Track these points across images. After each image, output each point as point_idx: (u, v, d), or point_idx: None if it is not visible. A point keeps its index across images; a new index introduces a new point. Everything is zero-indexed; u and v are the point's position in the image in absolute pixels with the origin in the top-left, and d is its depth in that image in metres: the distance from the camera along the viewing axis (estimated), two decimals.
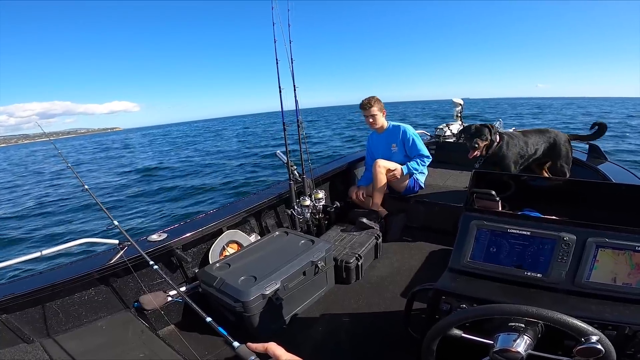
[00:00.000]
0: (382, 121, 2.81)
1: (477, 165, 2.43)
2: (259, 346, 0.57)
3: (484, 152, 2.40)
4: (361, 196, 2.79)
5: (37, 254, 1.62)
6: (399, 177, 2.69)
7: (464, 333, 0.92)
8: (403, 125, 2.80)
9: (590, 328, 0.76)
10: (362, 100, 2.75)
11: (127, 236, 1.73)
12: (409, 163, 2.72)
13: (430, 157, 2.84)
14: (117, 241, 1.81)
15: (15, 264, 1.54)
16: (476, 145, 2.37)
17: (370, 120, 2.76)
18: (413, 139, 2.74)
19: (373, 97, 2.74)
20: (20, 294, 1.47)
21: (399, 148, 2.79)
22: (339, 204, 2.64)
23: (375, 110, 2.72)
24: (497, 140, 2.36)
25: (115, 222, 1.78)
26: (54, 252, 1.67)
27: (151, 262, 1.34)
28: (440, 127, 4.10)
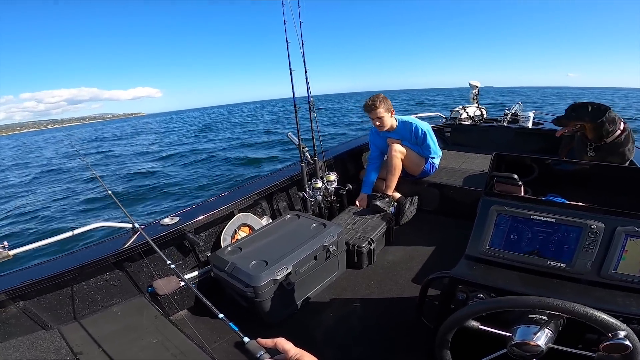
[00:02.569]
0: (390, 122, 2.55)
1: (591, 153, 2.09)
2: (268, 341, 0.58)
3: (590, 136, 2.06)
4: (365, 205, 2.57)
5: (56, 238, 1.64)
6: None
7: (481, 325, 0.88)
8: (414, 121, 2.59)
9: (618, 323, 0.72)
10: (366, 101, 2.49)
11: (139, 227, 1.73)
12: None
13: (441, 154, 2.75)
14: (130, 225, 1.80)
15: (36, 247, 1.56)
16: (564, 124, 2.10)
17: (377, 123, 2.51)
18: (425, 137, 2.56)
19: (378, 96, 2.47)
20: (38, 280, 1.49)
21: (411, 144, 2.62)
22: (351, 187, 2.59)
23: (381, 111, 2.45)
24: (622, 129, 2.01)
25: (124, 210, 1.77)
26: (70, 235, 1.68)
27: (160, 252, 1.33)
28: (457, 109, 3.98)
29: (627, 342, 0.71)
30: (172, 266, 1.19)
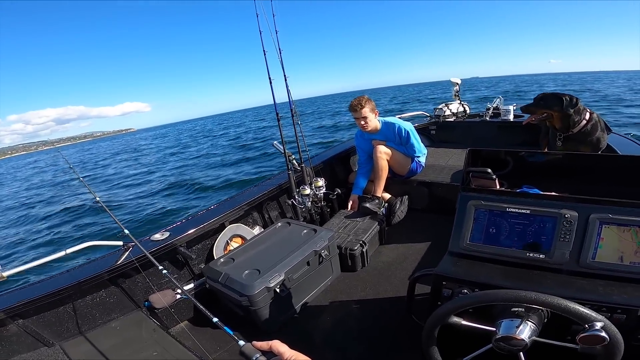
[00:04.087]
0: (374, 123, 2.61)
1: (559, 143, 2.14)
2: (263, 344, 0.59)
3: (557, 125, 2.11)
4: (356, 207, 2.61)
5: (47, 259, 1.65)
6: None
7: (466, 320, 0.89)
8: (397, 121, 2.65)
9: (593, 314, 0.72)
10: (352, 101, 2.55)
11: (132, 238, 1.73)
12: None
13: (426, 152, 2.79)
14: (121, 242, 1.81)
15: (28, 268, 1.55)
16: (531, 111, 2.16)
17: (362, 122, 2.56)
18: (408, 136, 2.61)
19: (363, 96, 2.55)
20: (35, 298, 1.50)
21: (395, 144, 2.67)
22: (340, 191, 2.62)
23: (366, 111, 2.51)
24: (587, 118, 2.05)
25: (119, 223, 1.79)
26: (60, 256, 1.69)
27: (156, 263, 1.35)
28: (440, 107, 4.05)
29: (604, 334, 0.69)
30: (164, 271, 1.21)
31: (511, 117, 3.53)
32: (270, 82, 2.27)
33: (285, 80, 2.33)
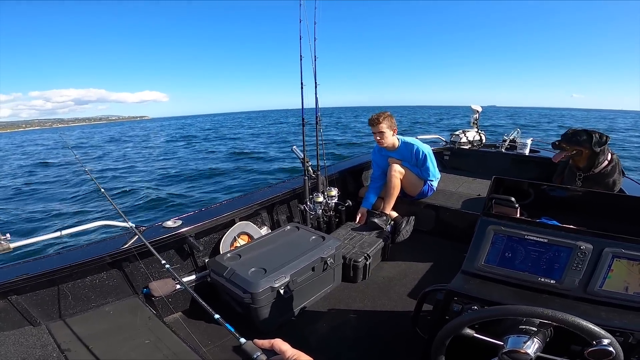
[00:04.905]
0: (391, 140, 2.64)
1: (579, 183, 2.13)
2: (265, 342, 0.58)
3: (581, 163, 2.09)
4: (364, 220, 2.64)
5: (57, 234, 1.66)
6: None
7: (475, 333, 0.92)
8: (416, 142, 2.68)
9: (602, 331, 0.78)
10: (371, 116, 2.60)
11: (135, 230, 1.74)
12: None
13: (440, 177, 2.82)
14: (132, 225, 1.80)
15: (36, 242, 1.57)
16: (563, 148, 2.11)
17: (378, 137, 2.60)
18: (425, 159, 2.63)
19: (384, 112, 2.59)
20: (33, 275, 1.49)
21: (411, 165, 2.70)
22: (350, 203, 2.64)
23: (383, 127, 2.55)
24: (609, 159, 2.04)
25: (121, 212, 1.79)
26: (72, 232, 1.70)
27: (156, 254, 1.33)
28: (457, 133, 4.07)
29: (611, 349, 0.76)
30: (167, 266, 1.21)
31: (527, 152, 3.54)
32: (302, 88, 2.32)
33: (315, 87, 2.38)
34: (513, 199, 1.36)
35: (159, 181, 9.84)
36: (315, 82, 2.37)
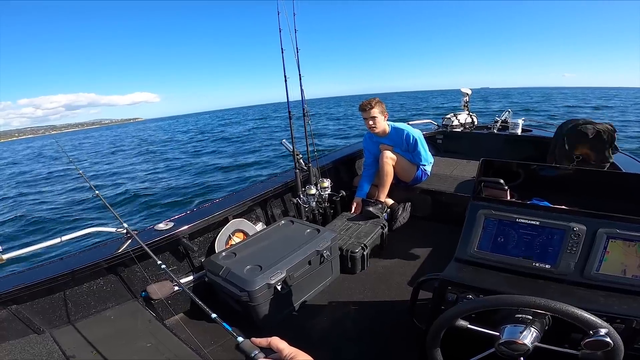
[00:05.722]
0: (383, 125, 2.63)
1: (573, 164, 2.09)
2: (262, 341, 0.58)
3: (593, 159, 2.04)
4: (359, 210, 2.62)
5: (50, 243, 1.64)
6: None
7: (470, 324, 0.90)
8: (406, 128, 2.65)
9: (599, 321, 0.75)
10: (362, 102, 2.59)
11: (131, 231, 1.73)
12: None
13: (433, 161, 2.79)
14: (125, 230, 1.80)
15: (29, 252, 1.56)
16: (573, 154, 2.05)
17: (370, 122, 2.57)
18: (416, 144, 2.61)
19: (374, 98, 2.58)
20: (31, 283, 1.49)
21: (402, 151, 2.68)
22: (344, 193, 2.63)
23: (376, 112, 2.53)
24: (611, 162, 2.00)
25: (116, 214, 1.78)
26: (65, 240, 1.69)
27: (153, 256, 1.32)
28: (448, 116, 4.06)
29: (608, 339, 0.73)
30: (163, 266, 1.20)
31: (519, 131, 3.53)
32: (286, 81, 2.29)
33: (300, 79, 2.34)
34: (502, 180, 1.33)
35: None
36: (300, 74, 2.33)
